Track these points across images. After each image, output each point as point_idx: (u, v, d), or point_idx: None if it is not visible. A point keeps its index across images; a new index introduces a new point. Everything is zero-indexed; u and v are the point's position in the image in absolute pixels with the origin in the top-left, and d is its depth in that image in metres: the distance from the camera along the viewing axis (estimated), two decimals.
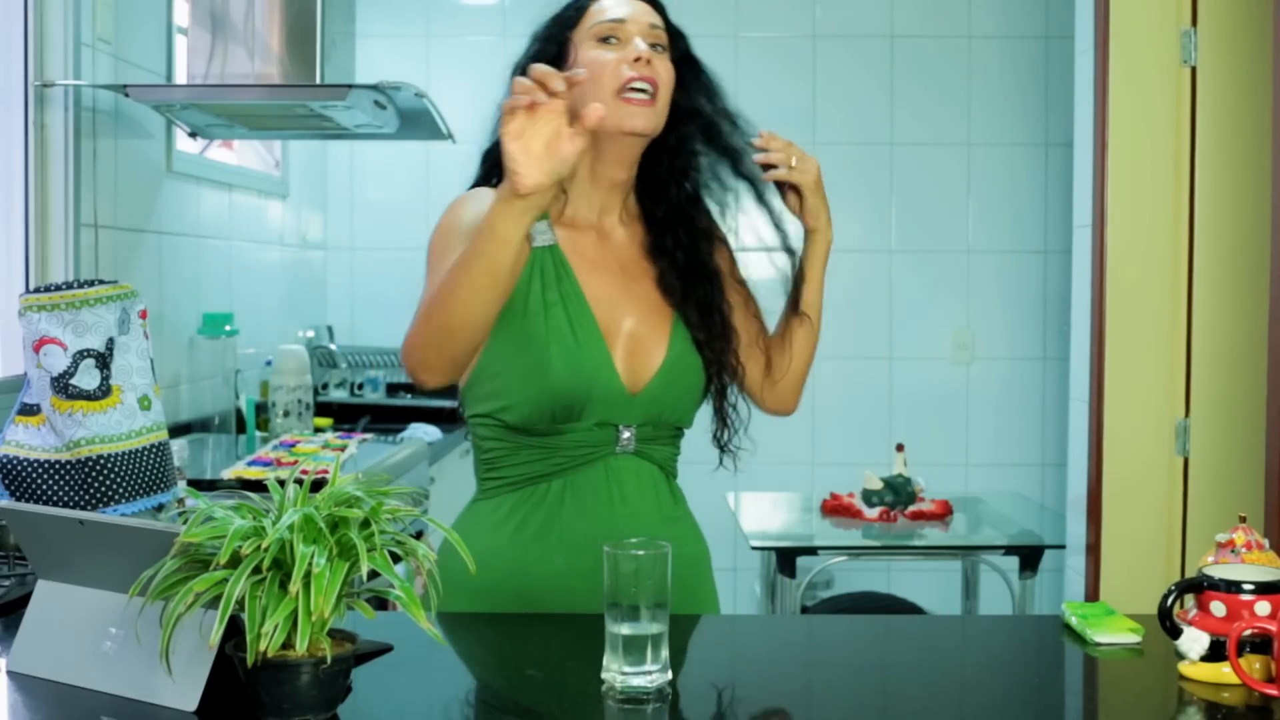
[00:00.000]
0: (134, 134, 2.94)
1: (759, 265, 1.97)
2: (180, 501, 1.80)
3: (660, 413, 1.74)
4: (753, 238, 1.92)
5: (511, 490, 1.73)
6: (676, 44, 1.82)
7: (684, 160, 1.81)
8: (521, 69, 1.77)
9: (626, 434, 1.72)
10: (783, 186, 1.84)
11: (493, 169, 1.81)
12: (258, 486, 2.35)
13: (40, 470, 1.70)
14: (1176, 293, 3.03)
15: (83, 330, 1.69)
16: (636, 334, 1.74)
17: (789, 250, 1.90)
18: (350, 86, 2.79)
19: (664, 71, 1.74)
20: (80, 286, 1.71)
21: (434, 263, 1.73)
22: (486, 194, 1.72)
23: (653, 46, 1.75)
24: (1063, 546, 3.30)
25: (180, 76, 3.09)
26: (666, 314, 1.76)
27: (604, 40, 1.73)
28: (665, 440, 1.78)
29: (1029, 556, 3.22)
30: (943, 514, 3.41)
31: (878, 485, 3.44)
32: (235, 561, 1.14)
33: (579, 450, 1.71)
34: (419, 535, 2.54)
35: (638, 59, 1.70)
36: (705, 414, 1.86)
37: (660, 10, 1.82)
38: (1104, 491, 3.09)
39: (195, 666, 1.22)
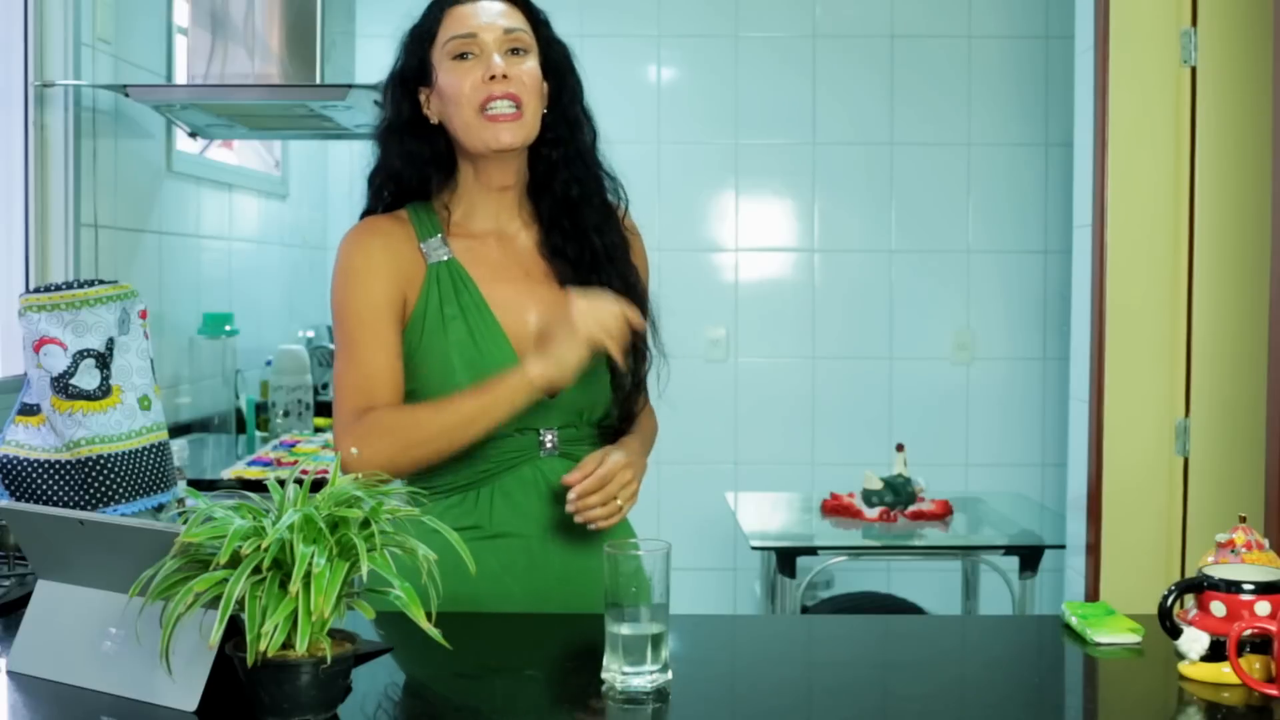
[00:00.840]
0: (134, 134, 2.94)
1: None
2: (180, 501, 1.80)
3: (580, 413, 1.73)
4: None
5: (442, 498, 1.72)
6: (540, 35, 1.76)
7: (561, 157, 1.77)
8: (394, 79, 1.76)
9: (549, 437, 1.72)
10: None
11: (379, 195, 1.79)
12: (258, 486, 2.35)
13: (40, 470, 1.70)
14: (1176, 293, 3.03)
15: (83, 330, 1.69)
16: (549, 337, 1.70)
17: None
18: (350, 86, 2.79)
19: (527, 78, 1.70)
20: (80, 286, 1.71)
21: (353, 318, 1.70)
22: (374, 228, 1.75)
23: (513, 51, 1.71)
24: (1063, 546, 3.30)
25: (180, 76, 3.09)
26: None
27: (460, 57, 1.70)
28: (592, 440, 1.76)
29: (1029, 556, 3.22)
30: (943, 514, 3.41)
31: (878, 485, 3.44)
32: (235, 561, 1.14)
33: (503, 456, 1.71)
34: None
35: (493, 76, 1.67)
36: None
37: (523, 5, 1.76)
38: (1104, 491, 3.09)
39: (195, 666, 1.22)
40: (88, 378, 1.69)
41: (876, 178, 4.41)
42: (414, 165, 1.76)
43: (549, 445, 1.72)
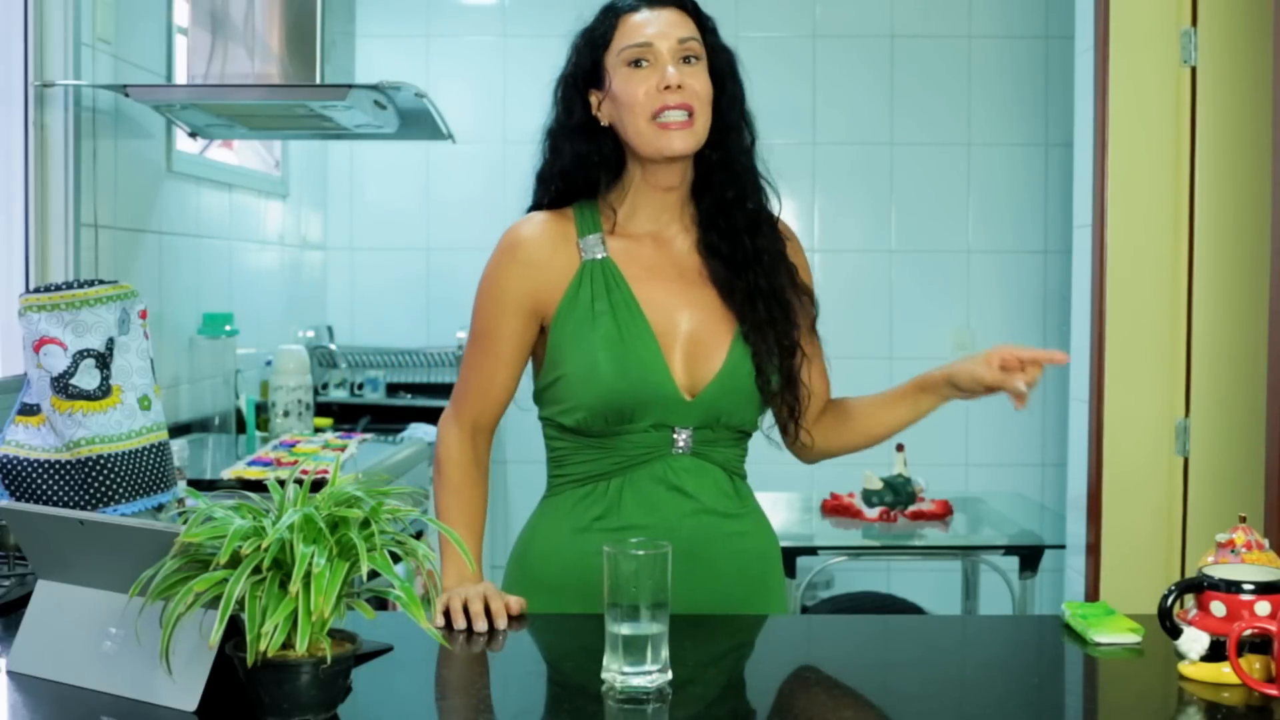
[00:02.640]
0: (134, 134, 2.94)
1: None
2: (180, 501, 1.80)
3: (718, 416, 1.75)
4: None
5: (574, 487, 1.76)
6: (707, 42, 1.79)
7: (720, 160, 1.81)
8: (566, 81, 1.80)
9: (683, 436, 1.74)
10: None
11: (547, 190, 1.83)
12: (258, 486, 2.35)
13: (40, 470, 1.70)
14: (1176, 293, 3.03)
15: (83, 330, 1.69)
16: (697, 338, 1.75)
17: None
18: (350, 86, 2.79)
19: (700, 86, 1.74)
20: (80, 286, 1.71)
21: (478, 316, 1.79)
22: (536, 223, 1.79)
23: (686, 60, 1.74)
24: (1063, 546, 3.30)
25: (180, 76, 3.09)
26: (730, 320, 1.77)
27: (634, 64, 1.73)
28: (727, 442, 1.78)
29: (1029, 556, 3.22)
30: (943, 514, 3.41)
31: (878, 485, 3.44)
32: (235, 561, 1.14)
33: (635, 451, 1.73)
34: (419, 535, 2.54)
35: (667, 86, 1.70)
36: None
37: (695, 13, 1.80)
38: (1104, 491, 3.09)
39: (195, 666, 1.22)
40: (88, 378, 1.69)
41: (876, 178, 4.41)
42: (583, 166, 1.79)
43: (681, 445, 1.74)
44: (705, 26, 1.80)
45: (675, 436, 1.73)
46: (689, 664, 1.42)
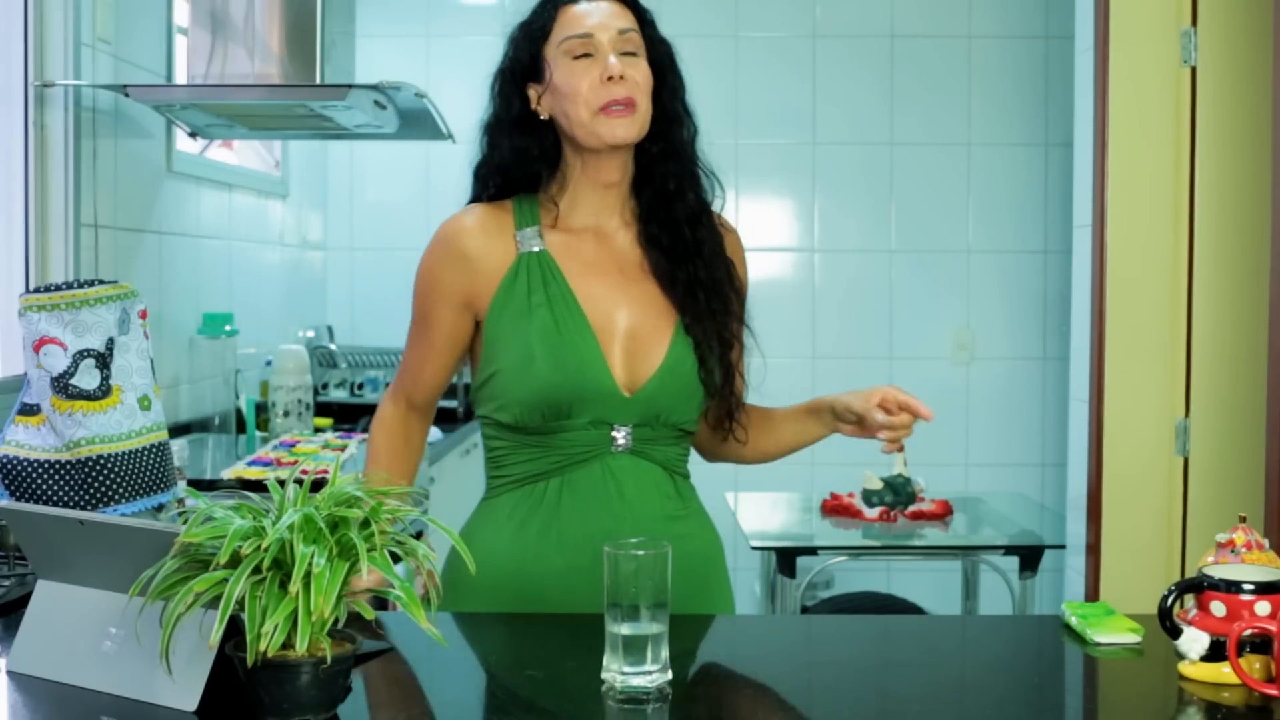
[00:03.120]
0: (134, 134, 2.94)
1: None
2: (180, 501, 1.80)
3: (658, 413, 1.74)
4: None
5: (513, 488, 1.75)
6: (645, 34, 1.79)
7: (660, 152, 1.80)
8: (504, 75, 1.79)
9: (622, 433, 1.72)
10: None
11: (485, 185, 1.83)
12: (258, 486, 2.35)
13: (40, 470, 1.70)
14: (1176, 293, 3.03)
15: (83, 330, 1.69)
16: (637, 334, 1.74)
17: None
18: (350, 86, 2.79)
19: (641, 78, 1.74)
20: (80, 286, 1.71)
21: (415, 302, 1.81)
22: (473, 214, 1.79)
23: (626, 53, 1.73)
24: (1063, 546, 3.30)
25: (180, 76, 3.09)
26: (670, 315, 1.76)
27: (576, 56, 1.72)
28: (668, 440, 1.77)
29: (1029, 556, 3.22)
30: (943, 514, 3.41)
31: (878, 485, 3.44)
32: (235, 561, 1.14)
33: (574, 449, 1.71)
34: (419, 535, 2.54)
35: (610, 78, 1.70)
36: None
37: (634, 5, 1.79)
38: (1104, 491, 3.09)
39: (195, 666, 1.22)
40: (88, 378, 1.69)
41: (876, 178, 4.41)
42: (522, 160, 1.79)
43: (621, 443, 1.72)
44: (644, 19, 1.80)
45: (614, 434, 1.72)
46: (689, 664, 1.42)
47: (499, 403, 1.72)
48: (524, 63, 1.77)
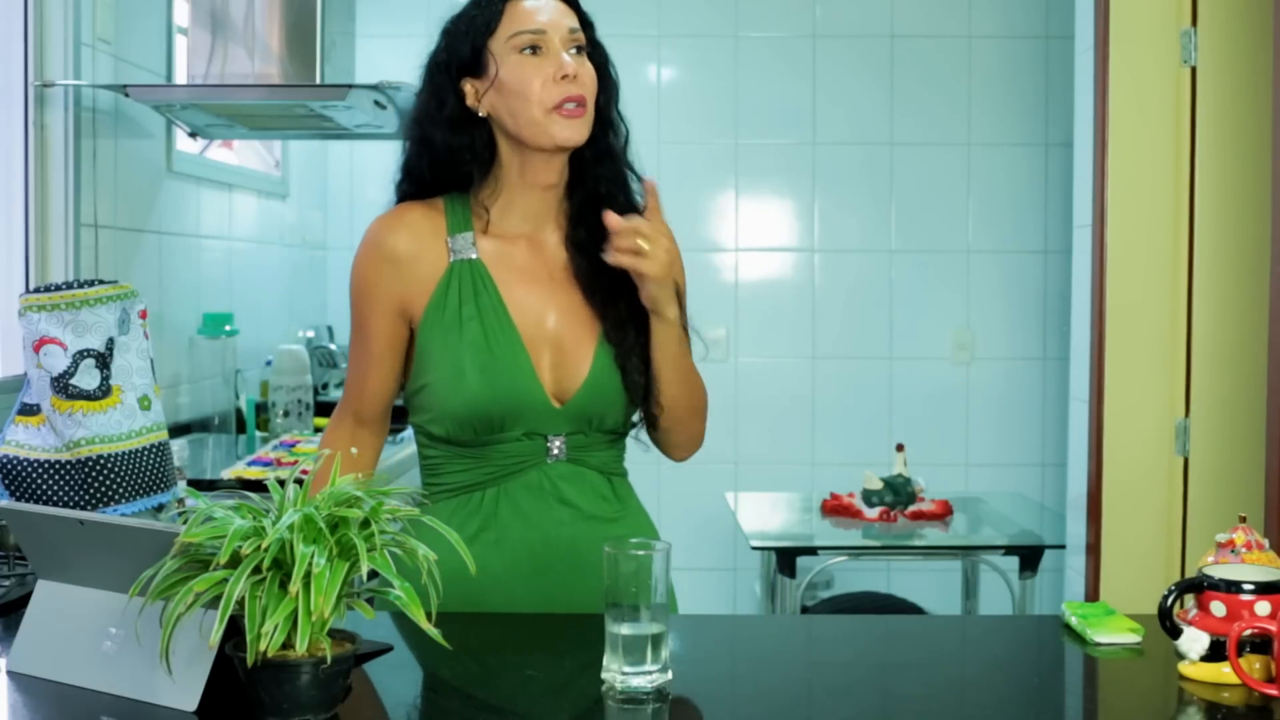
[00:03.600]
0: (134, 134, 2.94)
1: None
2: (180, 501, 1.80)
3: (589, 421, 1.72)
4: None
5: (449, 497, 1.73)
6: (587, 37, 1.75)
7: (593, 155, 1.76)
8: (439, 68, 1.74)
9: (556, 444, 1.71)
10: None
11: (415, 183, 1.78)
12: (258, 486, 2.35)
13: (40, 470, 1.70)
14: (1176, 293, 3.03)
15: (83, 330, 1.69)
16: (563, 344, 1.71)
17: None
18: (350, 86, 2.79)
19: (588, 79, 1.71)
20: (80, 286, 1.71)
21: (352, 311, 1.75)
22: (404, 216, 1.74)
23: (576, 50, 1.71)
24: (1063, 546, 3.30)
25: (180, 76, 3.09)
26: (594, 322, 1.73)
27: (526, 50, 1.68)
28: (602, 445, 1.75)
29: (1029, 556, 3.22)
30: (943, 514, 3.41)
31: (878, 485, 3.44)
32: (235, 561, 1.14)
33: (509, 460, 1.70)
34: None
35: (564, 76, 1.67)
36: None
37: (577, 6, 1.76)
38: (1104, 491, 3.09)
39: (195, 666, 1.22)
40: (88, 378, 1.69)
41: (876, 178, 4.41)
42: (455, 159, 1.74)
43: (555, 452, 1.71)
44: (585, 20, 1.76)
45: (549, 445, 1.70)
46: (689, 664, 1.42)
47: (430, 415, 1.71)
48: (463, 56, 1.71)
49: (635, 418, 1.79)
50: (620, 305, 1.72)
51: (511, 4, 1.71)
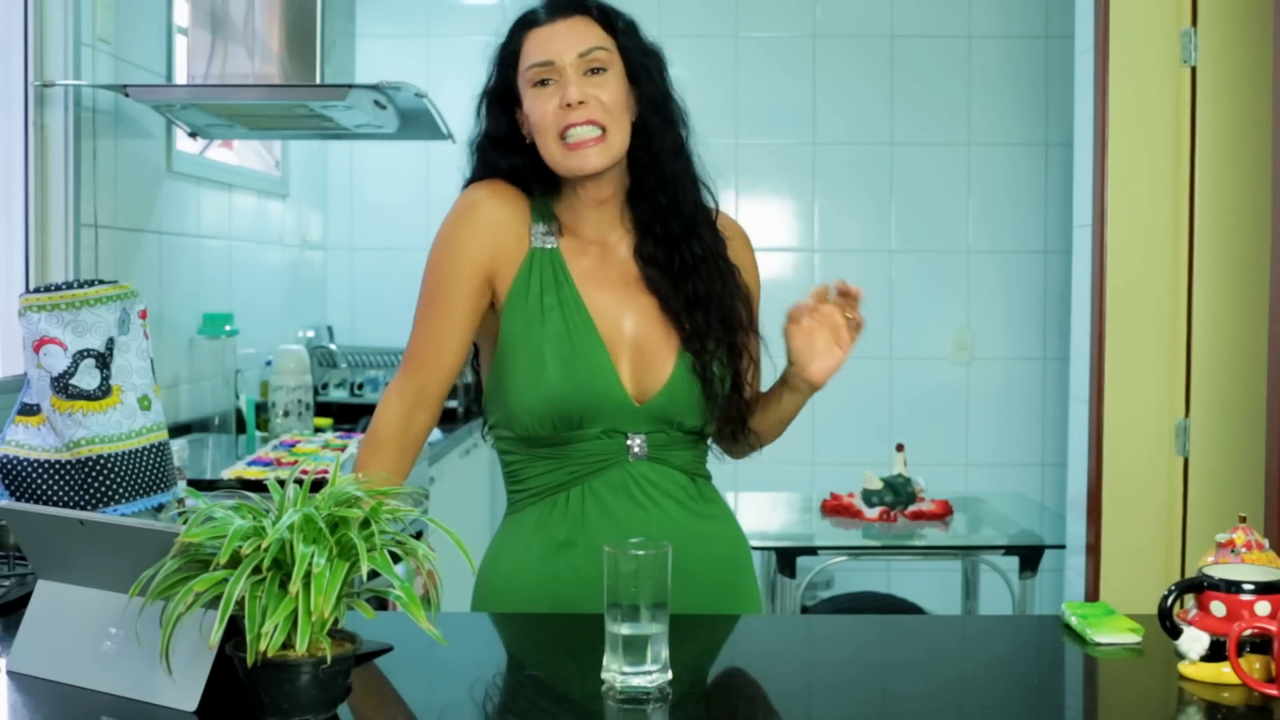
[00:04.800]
0: (134, 134, 2.94)
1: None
2: (180, 501, 1.80)
3: (670, 421, 1.73)
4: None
5: (534, 501, 1.73)
6: (619, 45, 1.73)
7: (648, 163, 1.76)
8: (489, 96, 1.76)
9: (637, 441, 1.71)
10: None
11: (484, 160, 1.79)
12: (258, 486, 2.35)
13: (40, 470, 1.70)
14: (1176, 293, 3.03)
15: (83, 330, 1.69)
16: (643, 345, 1.72)
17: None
18: (350, 86, 2.79)
19: (608, 97, 1.69)
20: (80, 286, 1.71)
21: (431, 277, 1.73)
22: (495, 185, 1.74)
23: (593, 72, 1.69)
24: (1063, 546, 3.30)
25: (180, 76, 3.09)
26: (673, 331, 1.74)
27: (539, 84, 1.69)
28: (683, 445, 1.75)
29: (1029, 556, 3.22)
30: (943, 514, 3.41)
31: (878, 485, 3.44)
32: (235, 561, 1.14)
33: (589, 459, 1.71)
34: (419, 535, 2.54)
35: (568, 105, 1.66)
36: None
37: (601, 17, 1.74)
38: (1104, 491, 3.09)
39: (195, 666, 1.22)
40: (88, 378, 1.69)
41: (876, 178, 4.41)
42: (517, 176, 1.76)
43: (637, 450, 1.71)
44: (616, 29, 1.74)
45: (629, 442, 1.71)
46: (689, 664, 1.42)
47: (508, 411, 1.70)
48: (503, 87, 1.74)
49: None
50: (698, 316, 1.73)
51: (530, 34, 1.72)
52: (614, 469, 1.71)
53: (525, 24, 1.73)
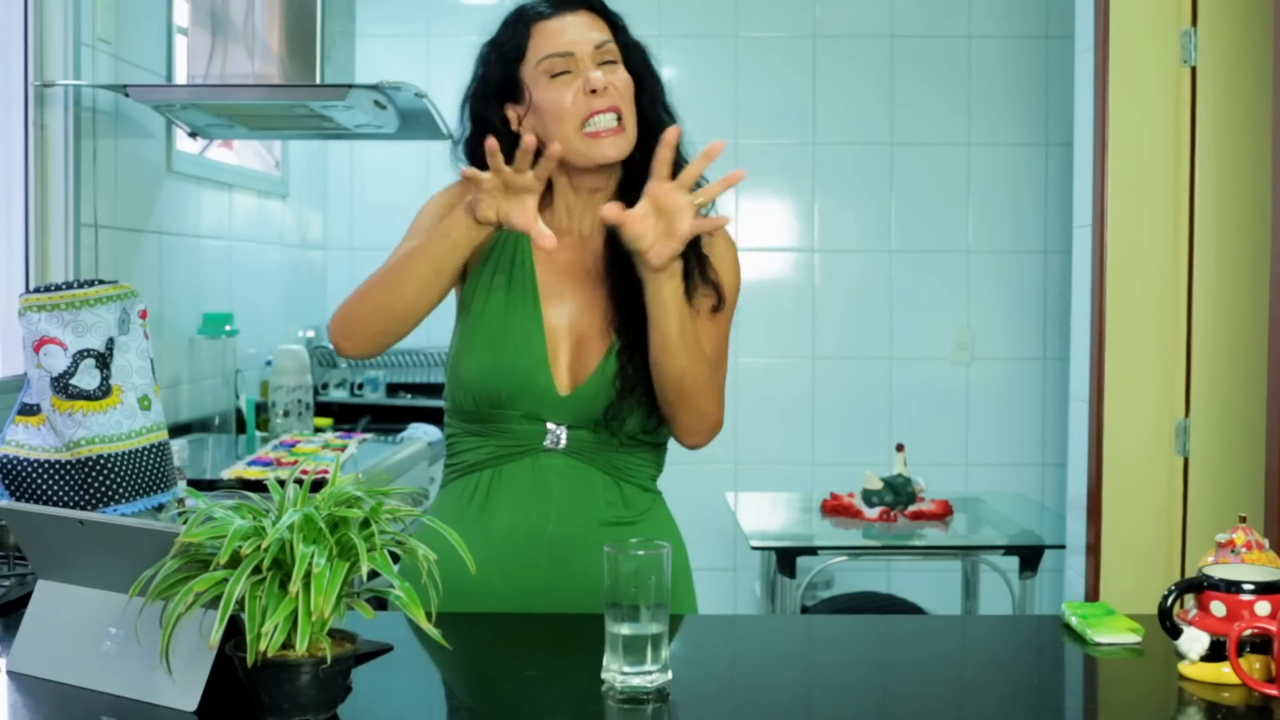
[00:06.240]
0: (134, 134, 2.94)
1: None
2: (180, 501, 1.80)
3: (594, 417, 1.70)
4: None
5: (458, 477, 1.76)
6: (619, 41, 1.74)
7: (642, 158, 1.71)
8: (479, 98, 1.75)
9: (555, 431, 1.70)
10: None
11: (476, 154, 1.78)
12: (258, 486, 2.35)
13: (40, 470, 1.70)
14: (1176, 292, 3.03)
15: (83, 330, 1.69)
16: (584, 336, 1.72)
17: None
18: (350, 86, 2.79)
19: (623, 88, 1.70)
20: (80, 286, 1.71)
21: (414, 228, 1.79)
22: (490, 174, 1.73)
23: (607, 64, 1.70)
24: (1063, 546, 3.30)
25: (180, 76, 3.09)
26: (614, 320, 1.72)
27: (556, 75, 1.69)
28: (614, 448, 1.72)
29: (1029, 556, 3.22)
30: (943, 514, 3.41)
31: (878, 485, 3.44)
32: (235, 561, 1.14)
33: (507, 441, 1.71)
34: None
35: (594, 90, 1.66)
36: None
37: (604, 12, 1.75)
38: (1104, 491, 3.09)
39: (195, 666, 1.22)
40: (88, 378, 1.69)
41: (876, 178, 4.41)
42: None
43: (551, 441, 1.71)
44: (616, 25, 1.75)
45: (549, 431, 1.70)
46: (689, 664, 1.42)
47: (449, 381, 1.75)
48: (499, 84, 1.74)
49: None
50: (634, 302, 1.69)
51: (537, 26, 1.71)
52: (527, 457, 1.71)
53: (529, 19, 1.73)
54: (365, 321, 1.73)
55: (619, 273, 1.72)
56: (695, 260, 1.74)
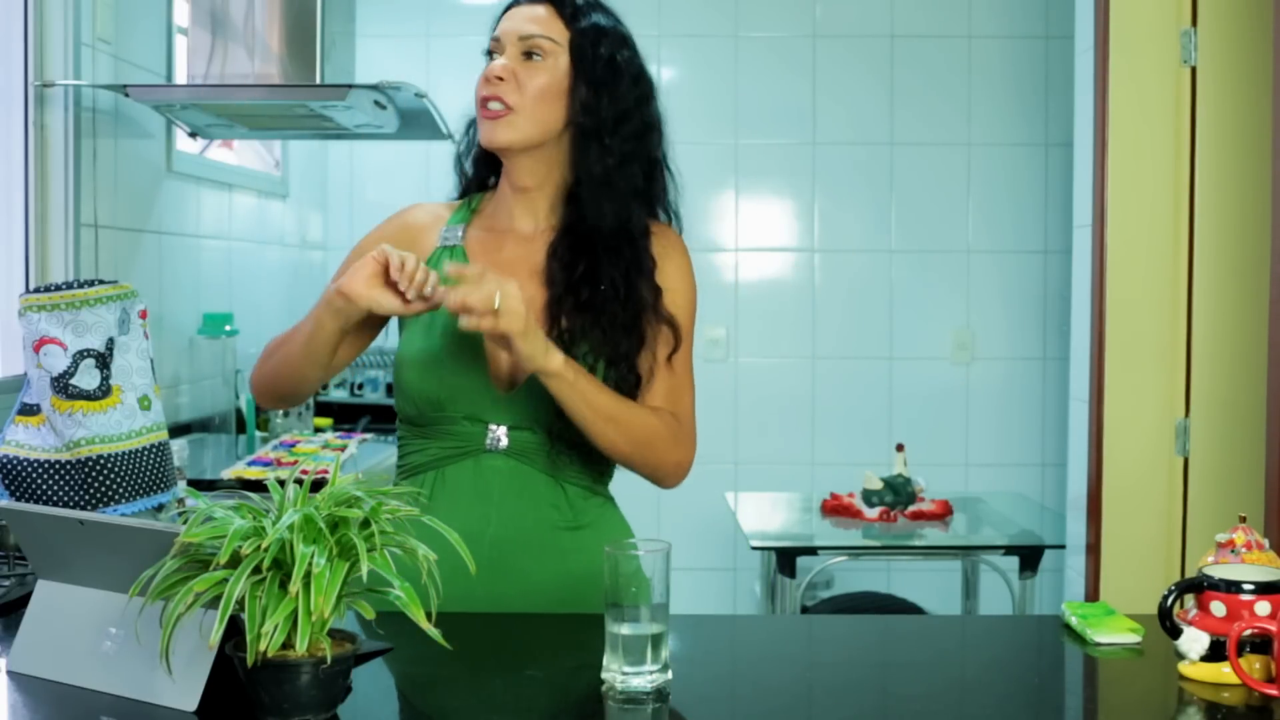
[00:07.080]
0: (134, 134, 2.94)
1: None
2: (180, 501, 1.80)
3: (534, 418, 1.69)
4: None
5: (406, 479, 1.78)
6: (577, 45, 1.73)
7: (586, 171, 1.72)
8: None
9: (496, 432, 1.70)
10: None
11: (458, 174, 1.88)
12: (258, 486, 2.35)
13: (40, 470, 1.70)
14: (1176, 292, 3.03)
15: (83, 330, 1.69)
16: None
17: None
18: (350, 86, 2.79)
19: (531, 82, 1.70)
20: (80, 286, 1.71)
21: (344, 266, 1.78)
22: (423, 204, 1.85)
23: (528, 55, 1.72)
24: (1063, 546, 3.30)
25: (180, 76, 3.09)
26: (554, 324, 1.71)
27: (488, 55, 1.77)
28: (560, 451, 1.70)
29: (1029, 556, 3.22)
30: (943, 514, 3.41)
31: (878, 485, 3.44)
32: (235, 561, 1.14)
33: (450, 442, 1.72)
34: None
35: (486, 78, 1.72)
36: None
37: (568, 14, 1.74)
38: (1104, 491, 3.09)
39: (195, 666, 1.22)
40: (88, 378, 1.69)
41: (876, 178, 4.41)
42: (476, 162, 1.85)
43: (491, 442, 1.70)
44: (577, 23, 1.74)
45: (490, 432, 1.70)
46: (689, 664, 1.42)
47: (395, 388, 1.78)
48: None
49: None
50: (579, 320, 1.69)
51: (504, 14, 1.78)
52: (469, 458, 1.71)
53: (505, 7, 1.79)
54: (268, 384, 1.80)
55: (560, 271, 1.72)
56: (650, 295, 1.73)
